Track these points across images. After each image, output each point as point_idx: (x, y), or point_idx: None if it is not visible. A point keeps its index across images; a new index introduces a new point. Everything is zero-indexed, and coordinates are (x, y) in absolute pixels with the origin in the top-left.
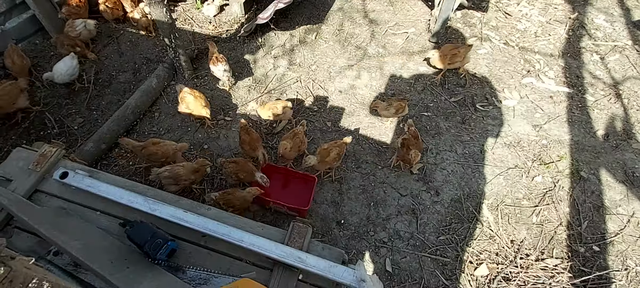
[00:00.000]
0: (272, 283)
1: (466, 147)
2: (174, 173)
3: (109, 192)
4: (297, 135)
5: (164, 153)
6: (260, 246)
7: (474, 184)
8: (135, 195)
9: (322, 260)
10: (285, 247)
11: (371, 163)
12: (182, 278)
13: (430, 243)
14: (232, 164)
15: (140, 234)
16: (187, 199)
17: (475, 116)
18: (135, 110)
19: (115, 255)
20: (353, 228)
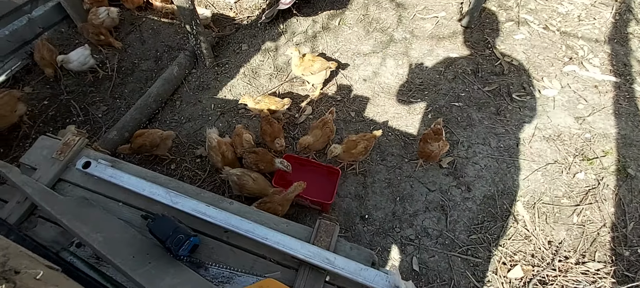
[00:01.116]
0: (297, 284)
1: (501, 140)
2: (241, 181)
3: (130, 183)
4: (326, 124)
5: (151, 143)
6: (286, 245)
7: (509, 180)
8: (157, 187)
9: (352, 262)
10: (311, 247)
11: (397, 156)
12: (204, 276)
13: (460, 242)
14: (252, 155)
15: (162, 228)
16: (209, 192)
17: (511, 107)
18: (157, 98)
19: (137, 250)
20: (378, 223)
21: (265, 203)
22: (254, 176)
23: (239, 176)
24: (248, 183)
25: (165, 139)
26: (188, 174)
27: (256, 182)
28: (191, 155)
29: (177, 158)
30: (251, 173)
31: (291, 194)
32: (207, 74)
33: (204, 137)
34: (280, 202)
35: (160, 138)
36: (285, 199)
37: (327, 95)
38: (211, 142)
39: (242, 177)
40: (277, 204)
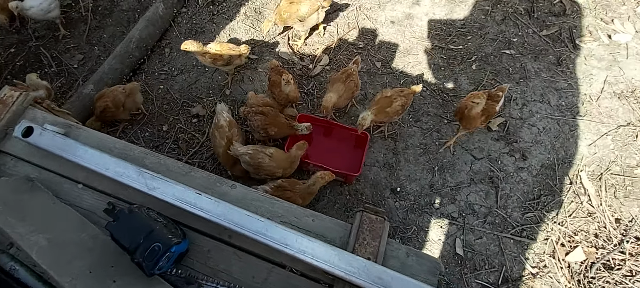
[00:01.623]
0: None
1: (562, 97)
2: (255, 161)
3: (87, 158)
4: (350, 76)
5: (115, 102)
6: (316, 255)
7: (571, 146)
8: (125, 164)
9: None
10: (352, 257)
11: (434, 116)
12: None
13: (513, 221)
14: (258, 116)
15: (129, 233)
16: (202, 172)
17: (574, 55)
18: (140, 44)
19: (97, 260)
20: (412, 198)
21: (284, 190)
22: (270, 151)
23: (251, 154)
24: (264, 162)
25: (131, 94)
26: (183, 137)
27: (274, 158)
28: (186, 114)
29: (170, 118)
30: (266, 149)
31: (314, 186)
32: (200, 15)
33: (200, 93)
34: (302, 193)
35: (123, 94)
36: (308, 192)
37: (346, 41)
38: (219, 120)
39: (256, 154)
40: (298, 196)
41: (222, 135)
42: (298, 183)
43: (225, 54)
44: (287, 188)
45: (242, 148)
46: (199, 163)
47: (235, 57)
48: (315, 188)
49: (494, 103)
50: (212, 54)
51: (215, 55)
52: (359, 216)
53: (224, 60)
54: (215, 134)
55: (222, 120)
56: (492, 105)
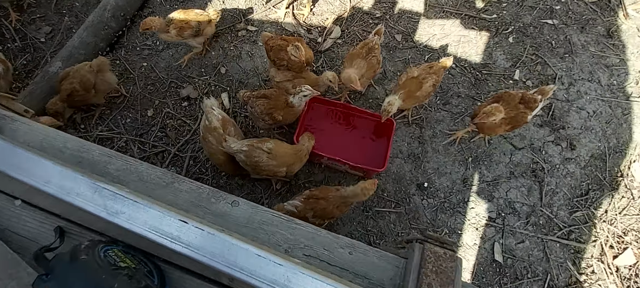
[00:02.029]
0: None
1: (613, 75)
2: (251, 159)
3: (22, 165)
4: (372, 51)
5: (83, 83)
6: None
7: (624, 132)
8: (74, 176)
9: None
10: None
11: (466, 97)
12: None
13: (560, 221)
14: (261, 100)
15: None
16: (189, 182)
17: (625, 26)
18: (118, 12)
19: None
20: (442, 195)
21: (316, 200)
22: (269, 146)
23: (246, 152)
24: (262, 161)
25: (101, 71)
26: (172, 124)
27: (273, 154)
28: (175, 96)
29: (155, 101)
30: (263, 144)
31: (354, 199)
32: None
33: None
34: (337, 202)
35: (91, 72)
36: (344, 203)
37: (361, 10)
38: (211, 121)
39: (252, 152)
40: (334, 206)
41: (218, 138)
42: (331, 191)
43: (193, 21)
44: (319, 198)
45: (236, 144)
46: (191, 155)
47: (204, 24)
48: (355, 201)
49: (526, 111)
50: (178, 23)
51: (181, 24)
52: (419, 251)
53: (192, 30)
54: (208, 138)
55: (214, 120)
56: (522, 115)
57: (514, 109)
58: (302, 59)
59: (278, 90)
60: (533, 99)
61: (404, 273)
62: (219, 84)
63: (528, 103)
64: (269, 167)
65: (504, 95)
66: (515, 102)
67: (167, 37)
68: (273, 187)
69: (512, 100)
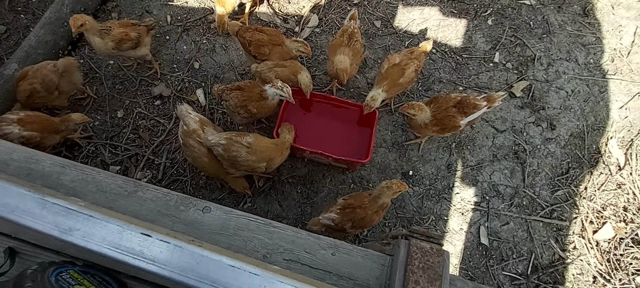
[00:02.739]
0: None
1: (590, 54)
2: (229, 153)
3: None
4: (353, 36)
5: (45, 84)
6: None
7: (601, 110)
8: (18, 191)
9: None
10: None
11: (447, 82)
12: None
13: (542, 200)
14: (235, 92)
15: None
16: (153, 188)
17: (600, 4)
18: (77, 7)
19: None
20: (427, 182)
21: (353, 209)
22: (248, 141)
23: (224, 145)
24: (240, 155)
25: (68, 72)
26: (144, 124)
27: (253, 149)
28: (146, 95)
29: (125, 101)
30: (242, 138)
31: (385, 199)
32: None
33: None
34: (374, 207)
35: (54, 72)
36: (381, 207)
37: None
38: (189, 124)
39: (230, 146)
40: (372, 212)
41: (197, 142)
42: (365, 197)
43: (133, 33)
44: (355, 207)
45: (214, 137)
46: (167, 157)
47: (143, 35)
48: (387, 201)
49: (457, 116)
50: (116, 35)
51: (120, 36)
52: (405, 246)
53: (131, 42)
54: (189, 142)
55: (192, 123)
56: (453, 119)
57: (443, 112)
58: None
59: (252, 82)
60: (473, 104)
61: (390, 272)
62: (192, 79)
63: (464, 108)
64: (248, 163)
65: (439, 98)
66: (447, 106)
67: (101, 47)
68: (255, 184)
69: (445, 104)
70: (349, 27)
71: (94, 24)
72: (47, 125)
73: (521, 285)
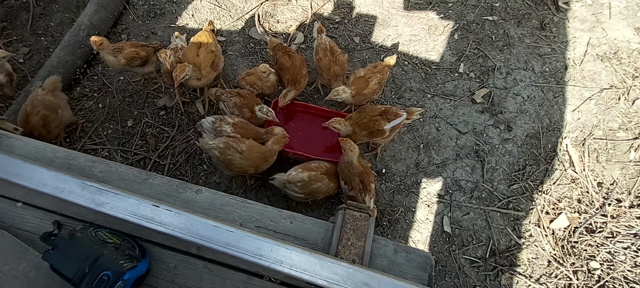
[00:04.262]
0: None
1: (546, 63)
2: (225, 157)
3: (20, 173)
4: (334, 50)
5: (47, 106)
6: (294, 264)
7: (555, 113)
8: (65, 178)
9: (403, 284)
10: (337, 265)
11: (417, 91)
12: None
13: (500, 193)
14: (235, 97)
15: (71, 259)
16: (160, 177)
17: (557, 18)
18: (92, 31)
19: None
20: (398, 178)
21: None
22: (242, 147)
23: (221, 149)
24: (235, 159)
25: (56, 88)
26: (151, 132)
27: (245, 155)
28: (152, 106)
29: (134, 112)
30: (238, 144)
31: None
32: None
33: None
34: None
35: (47, 94)
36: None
37: (321, 16)
38: (223, 130)
39: (226, 150)
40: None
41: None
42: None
43: (143, 52)
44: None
45: (212, 141)
46: (171, 160)
47: (151, 55)
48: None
49: (383, 121)
50: (128, 54)
51: (131, 54)
52: (341, 215)
53: (141, 59)
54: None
55: (227, 128)
56: (377, 123)
57: (370, 118)
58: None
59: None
60: (394, 113)
61: (331, 233)
62: (193, 92)
63: (387, 115)
64: (240, 166)
65: (366, 108)
66: (373, 114)
67: (114, 63)
68: (247, 182)
69: (371, 112)
70: (324, 42)
71: (108, 44)
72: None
73: (480, 267)
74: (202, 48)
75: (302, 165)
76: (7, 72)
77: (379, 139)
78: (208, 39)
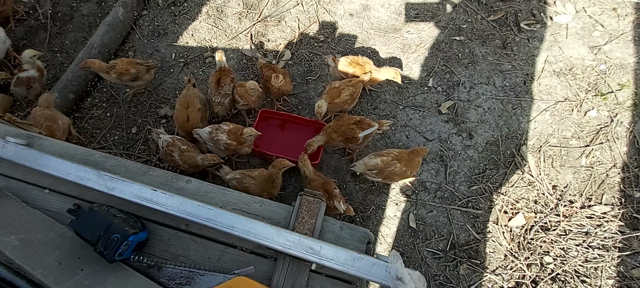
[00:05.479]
0: (276, 279)
1: (507, 78)
2: (242, 185)
3: (50, 165)
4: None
5: (51, 119)
6: (258, 234)
7: (514, 123)
8: (85, 169)
9: (342, 251)
10: (290, 234)
11: (391, 102)
12: (157, 278)
13: (460, 194)
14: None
15: (90, 226)
16: (159, 170)
17: (518, 38)
18: (103, 49)
19: (65, 253)
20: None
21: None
22: (255, 174)
23: (239, 179)
24: (250, 187)
25: (49, 103)
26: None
27: (257, 181)
28: (154, 115)
29: (138, 120)
30: (252, 172)
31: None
32: (162, 16)
33: (167, 93)
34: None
35: (44, 108)
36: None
37: (307, 35)
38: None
39: (242, 179)
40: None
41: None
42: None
43: (132, 70)
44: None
45: (230, 173)
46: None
47: (143, 72)
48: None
49: (358, 129)
50: (118, 70)
51: (121, 69)
52: (299, 199)
53: (130, 76)
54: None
55: (223, 136)
56: (352, 130)
57: (346, 126)
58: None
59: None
60: (367, 123)
61: (291, 214)
62: None
63: (361, 125)
64: (255, 192)
65: (344, 116)
66: (349, 122)
67: (108, 77)
68: None
69: (348, 121)
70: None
71: (101, 65)
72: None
73: (441, 259)
74: (190, 109)
75: (374, 152)
76: (38, 67)
77: (353, 144)
78: (194, 99)
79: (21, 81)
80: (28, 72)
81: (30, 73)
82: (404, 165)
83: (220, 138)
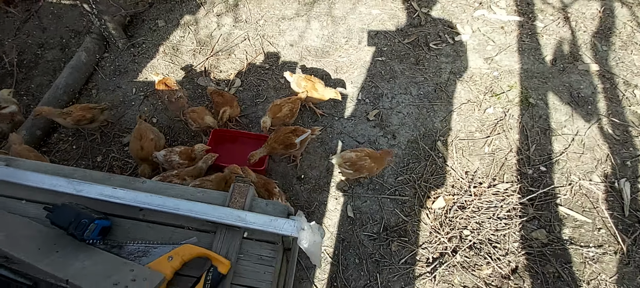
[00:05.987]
0: (215, 245)
1: (421, 88)
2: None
3: (28, 178)
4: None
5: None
6: (198, 211)
7: (429, 123)
8: (57, 178)
9: (262, 216)
10: (224, 209)
11: (328, 115)
12: (119, 254)
13: (389, 185)
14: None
15: (63, 217)
16: (120, 176)
17: (428, 56)
18: (67, 89)
19: (43, 242)
20: (313, 181)
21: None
22: (212, 177)
23: (198, 185)
24: (208, 188)
25: (18, 141)
26: (117, 164)
27: (214, 182)
28: (118, 143)
29: (103, 149)
30: (210, 177)
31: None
32: (122, 57)
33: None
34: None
35: (14, 146)
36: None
37: (255, 65)
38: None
39: (202, 184)
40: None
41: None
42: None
43: (88, 115)
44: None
45: (192, 182)
46: None
47: (97, 114)
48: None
49: (293, 136)
50: (75, 117)
51: (79, 117)
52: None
53: (87, 120)
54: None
55: (175, 157)
56: (289, 138)
57: (284, 135)
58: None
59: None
60: (301, 130)
61: (226, 198)
62: None
63: (296, 132)
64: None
65: (282, 128)
66: (286, 132)
67: (64, 123)
68: None
69: (285, 131)
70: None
71: (53, 111)
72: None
73: (375, 240)
74: (143, 140)
75: (351, 149)
76: (15, 102)
77: (292, 150)
78: (146, 131)
79: (5, 117)
80: (9, 107)
81: (12, 108)
82: (373, 162)
83: (174, 158)
